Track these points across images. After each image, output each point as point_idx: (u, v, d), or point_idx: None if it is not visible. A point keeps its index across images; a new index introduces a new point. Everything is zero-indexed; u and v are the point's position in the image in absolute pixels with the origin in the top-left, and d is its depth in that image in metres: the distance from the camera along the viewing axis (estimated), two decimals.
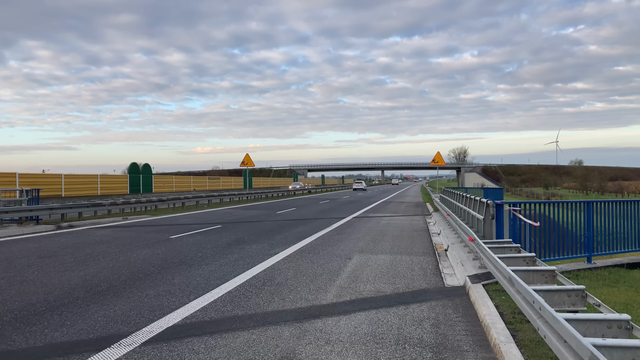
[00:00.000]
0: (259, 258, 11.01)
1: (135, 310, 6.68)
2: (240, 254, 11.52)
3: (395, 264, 10.48)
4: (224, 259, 10.82)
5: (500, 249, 7.40)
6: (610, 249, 10.05)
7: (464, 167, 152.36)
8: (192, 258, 10.94)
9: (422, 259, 11.13)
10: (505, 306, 6.62)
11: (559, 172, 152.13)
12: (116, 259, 10.75)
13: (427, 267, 10.13)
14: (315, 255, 11.56)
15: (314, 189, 72.08)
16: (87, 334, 5.65)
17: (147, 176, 52.48)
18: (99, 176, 44.97)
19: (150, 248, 12.46)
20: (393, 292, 7.92)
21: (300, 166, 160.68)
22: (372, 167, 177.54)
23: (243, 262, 10.44)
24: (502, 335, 5.41)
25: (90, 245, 12.90)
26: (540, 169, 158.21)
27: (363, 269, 9.79)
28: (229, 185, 72.29)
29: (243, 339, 5.52)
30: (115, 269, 9.59)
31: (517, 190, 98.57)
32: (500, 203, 9.27)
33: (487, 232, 9.46)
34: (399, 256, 11.52)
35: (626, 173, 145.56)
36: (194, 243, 13.44)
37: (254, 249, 12.46)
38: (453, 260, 10.69)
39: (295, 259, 11.01)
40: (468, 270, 9.11)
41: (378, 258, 11.19)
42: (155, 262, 10.38)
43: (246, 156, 40.14)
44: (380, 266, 10.16)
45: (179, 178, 61.92)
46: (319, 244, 13.43)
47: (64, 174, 40.63)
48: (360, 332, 5.80)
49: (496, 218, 9.15)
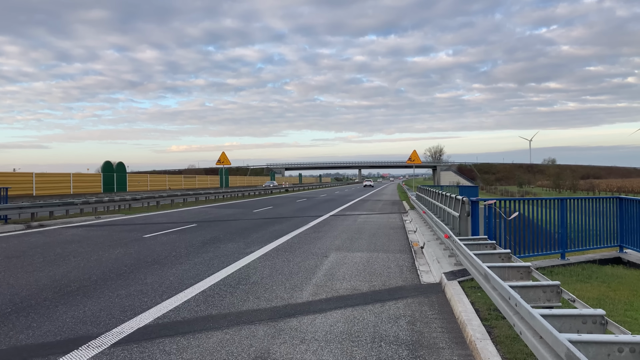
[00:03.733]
0: (234, 257, 10.87)
1: (106, 310, 6.49)
2: (216, 253, 11.36)
3: (371, 261, 10.45)
4: (198, 258, 10.64)
5: (476, 246, 7.40)
6: (583, 245, 10.17)
7: (439, 166, 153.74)
8: (165, 257, 10.74)
9: (398, 257, 11.12)
10: (481, 303, 6.62)
11: (532, 170, 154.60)
12: (87, 259, 10.49)
13: (404, 265, 10.12)
14: (291, 253, 11.46)
15: (291, 187, 71.94)
16: (54, 336, 5.46)
17: (121, 175, 51.71)
18: (71, 175, 44.15)
19: (122, 247, 12.20)
20: (369, 289, 7.86)
21: (277, 165, 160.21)
22: (350, 166, 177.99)
23: (218, 261, 10.28)
24: (478, 332, 5.39)
25: (60, 245, 12.58)
26: (514, 167, 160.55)
27: (339, 267, 9.72)
28: (205, 184, 71.73)
29: (216, 339, 5.40)
30: (86, 269, 9.35)
31: (491, 189, 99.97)
32: (475, 200, 9.30)
33: (463, 229, 9.49)
34: (375, 254, 11.49)
35: (597, 171, 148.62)
36: (168, 242, 13.22)
37: (230, 247, 12.31)
38: (429, 258, 10.71)
39: (271, 257, 10.89)
40: (444, 267, 9.12)
41: (355, 256, 11.14)
42: (128, 262, 10.15)
43: (222, 154, 39.81)
44: (356, 264, 10.10)
45: (154, 177, 61.18)
46: (295, 243, 13.33)
47: (35, 173, 39.79)
48: (336, 331, 5.72)
49: (472, 215, 9.17)
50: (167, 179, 62.14)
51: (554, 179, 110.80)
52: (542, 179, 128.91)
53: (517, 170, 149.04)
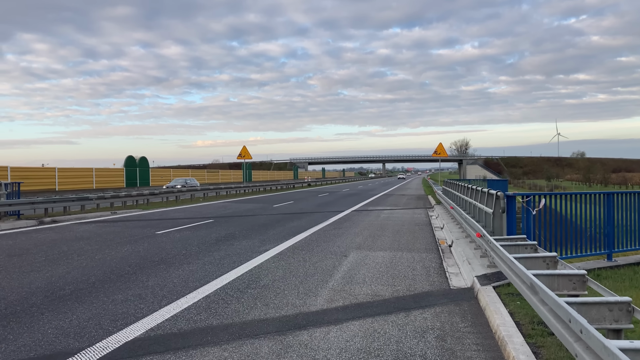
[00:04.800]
0: (247, 255, 10.12)
1: (95, 319, 5.78)
2: (228, 251, 10.63)
3: (395, 262, 9.59)
4: (209, 257, 9.92)
5: (514, 247, 6.49)
6: (632, 245, 9.13)
7: (465, 160, 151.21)
8: (174, 256, 10.05)
9: (424, 256, 10.23)
10: (522, 314, 5.72)
11: (561, 164, 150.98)
12: (91, 258, 9.87)
13: (430, 266, 9.23)
14: (308, 252, 10.67)
15: (314, 182, 71.20)
16: (27, 352, 4.75)
17: (144, 169, 51.61)
18: (94, 170, 44.10)
19: (132, 245, 11.57)
20: (392, 295, 7.02)
21: (300, 159, 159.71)
22: (373, 160, 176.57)
23: (229, 261, 9.54)
24: (522, 352, 4.50)
25: (68, 242, 12.02)
26: (542, 160, 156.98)
27: (359, 269, 8.88)
28: (228, 178, 71.44)
29: (212, 357, 4.63)
30: (86, 269, 8.70)
31: (519, 182, 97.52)
32: (512, 195, 8.34)
33: (497, 227, 8.54)
34: (399, 253, 10.62)
35: (629, 165, 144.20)
36: (181, 239, 12.55)
37: (244, 245, 11.58)
38: (458, 258, 9.80)
39: (286, 256, 10.12)
40: (475, 269, 8.21)
41: (376, 255, 10.30)
42: (133, 261, 9.49)
43: (243, 148, 39.22)
44: (378, 265, 9.26)
45: (177, 171, 61.15)
46: (313, 240, 12.53)
47: (57, 168, 39.76)
48: (353, 348, 4.90)
49: (507, 211, 8.23)
50: (190, 174, 61.99)
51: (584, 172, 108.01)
52: (571, 173, 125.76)
53: (545, 164, 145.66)
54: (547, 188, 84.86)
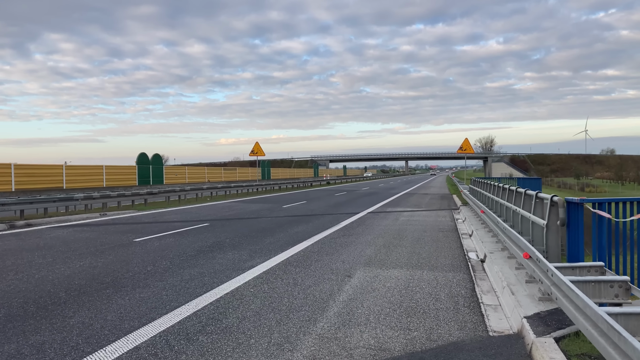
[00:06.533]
0: (225, 275, 8.01)
1: None
2: (203, 268, 8.53)
3: (412, 286, 7.36)
4: (175, 277, 7.83)
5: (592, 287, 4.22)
6: None
7: (491, 157, 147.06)
8: (133, 275, 7.98)
9: (450, 278, 7.97)
10: None
11: (590, 161, 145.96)
12: (31, 276, 7.86)
13: (459, 293, 6.98)
14: (303, 270, 8.50)
15: (333, 179, 69.10)
16: None
17: (158, 167, 50.02)
18: (104, 167, 42.57)
19: (94, 257, 9.56)
20: (405, 349, 4.80)
21: (321, 157, 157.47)
22: (396, 158, 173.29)
23: (198, 283, 7.43)
24: None
25: (21, 253, 10.07)
26: (570, 158, 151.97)
27: (364, 298, 6.68)
28: (246, 176, 69.57)
29: None
30: (6, 296, 6.67)
31: (547, 181, 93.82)
32: (577, 201, 5.98)
33: (552, 246, 6.21)
34: (418, 272, 8.38)
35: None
36: (156, 250, 10.51)
37: (228, 258, 9.47)
38: (496, 280, 7.53)
39: (273, 276, 7.97)
40: (522, 302, 5.94)
41: (389, 275, 8.08)
42: (77, 283, 7.44)
43: (256, 145, 37.23)
44: (390, 291, 7.04)
45: (192, 169, 59.37)
46: (315, 252, 10.36)
47: (65, 165, 38.33)
48: None
49: (568, 224, 5.92)
50: (207, 172, 60.27)
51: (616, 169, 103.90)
52: (601, 170, 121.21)
53: (573, 161, 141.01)
54: (577, 186, 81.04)
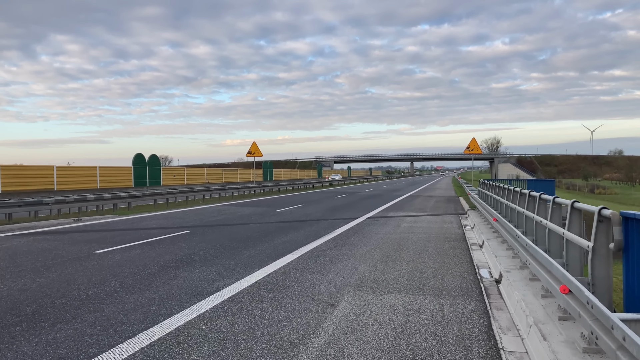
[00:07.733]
0: (179, 302, 6.43)
1: None
2: (157, 292, 6.95)
3: (411, 321, 5.74)
4: (117, 305, 6.25)
5: None
6: None
7: (497, 158, 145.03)
8: (66, 302, 6.41)
9: (459, 307, 6.35)
10: None
11: (598, 162, 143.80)
12: None
13: (471, 333, 5.36)
14: (278, 294, 6.91)
15: (336, 181, 67.47)
16: None
17: (155, 168, 48.61)
18: (97, 168, 41.14)
19: (33, 276, 8.01)
20: None
21: (326, 157, 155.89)
22: (401, 158, 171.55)
23: (140, 315, 5.85)
24: None
25: None
26: (578, 159, 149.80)
27: (347, 340, 5.07)
28: (248, 177, 68.01)
29: None
30: None
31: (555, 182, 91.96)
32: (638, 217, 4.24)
33: (602, 278, 4.50)
34: (420, 298, 6.77)
35: None
36: (114, 265, 8.95)
37: (192, 278, 7.90)
38: (517, 313, 5.91)
39: (238, 305, 6.37)
40: (560, 353, 4.30)
41: (383, 304, 6.47)
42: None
43: (253, 145, 35.68)
44: (382, 329, 5.43)
45: (192, 170, 57.89)
46: (298, 268, 8.77)
47: (56, 166, 36.92)
48: None
49: (626, 248, 4.27)
50: (207, 173, 58.79)
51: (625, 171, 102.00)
52: (610, 172, 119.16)
53: (581, 162, 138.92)
54: (586, 188, 79.06)
